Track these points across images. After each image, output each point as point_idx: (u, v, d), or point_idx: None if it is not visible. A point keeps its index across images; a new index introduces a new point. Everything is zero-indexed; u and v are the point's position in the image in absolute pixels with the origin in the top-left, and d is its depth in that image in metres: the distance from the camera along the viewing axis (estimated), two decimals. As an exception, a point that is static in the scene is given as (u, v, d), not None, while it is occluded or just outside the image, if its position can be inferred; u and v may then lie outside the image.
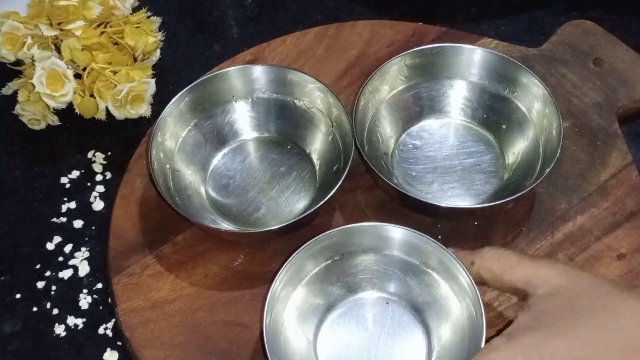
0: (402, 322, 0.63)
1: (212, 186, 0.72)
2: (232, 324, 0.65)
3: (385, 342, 0.62)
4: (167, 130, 0.69)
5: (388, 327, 0.63)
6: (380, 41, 0.81)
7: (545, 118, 0.69)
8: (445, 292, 0.62)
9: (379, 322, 0.63)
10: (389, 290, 0.64)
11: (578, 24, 0.81)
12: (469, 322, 0.59)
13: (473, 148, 0.73)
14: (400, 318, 0.63)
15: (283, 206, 0.70)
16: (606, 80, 0.77)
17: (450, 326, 0.61)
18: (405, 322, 0.63)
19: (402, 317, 0.63)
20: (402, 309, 0.64)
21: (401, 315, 0.63)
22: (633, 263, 0.66)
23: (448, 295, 0.62)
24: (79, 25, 0.74)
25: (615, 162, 0.72)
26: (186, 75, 0.81)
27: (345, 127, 0.68)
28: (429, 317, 0.63)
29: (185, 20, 0.88)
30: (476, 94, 0.74)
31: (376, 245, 0.63)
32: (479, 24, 0.85)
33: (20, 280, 0.70)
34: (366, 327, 0.63)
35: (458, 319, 0.61)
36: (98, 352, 0.66)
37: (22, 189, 0.75)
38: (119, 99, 0.73)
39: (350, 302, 0.64)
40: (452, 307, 0.61)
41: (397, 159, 0.73)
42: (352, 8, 0.88)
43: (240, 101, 0.73)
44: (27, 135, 0.78)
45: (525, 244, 0.68)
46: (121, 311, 0.65)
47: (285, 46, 0.81)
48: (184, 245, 0.69)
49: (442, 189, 0.71)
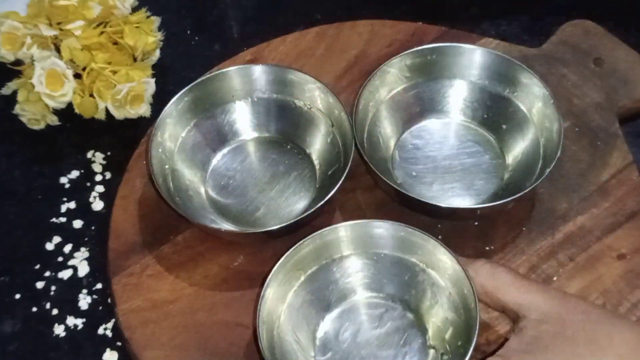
0: (397, 319, 0.63)
1: (212, 186, 0.72)
2: (232, 324, 0.64)
3: (380, 342, 0.62)
4: (166, 130, 0.69)
5: (383, 326, 0.63)
6: (380, 41, 0.81)
7: (546, 118, 0.69)
8: (437, 282, 0.62)
9: (375, 322, 0.63)
10: (382, 289, 0.64)
11: (578, 24, 0.81)
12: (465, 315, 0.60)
13: (473, 148, 0.73)
14: (394, 315, 0.63)
15: (283, 206, 0.70)
16: (606, 80, 0.77)
17: (446, 316, 0.61)
18: (400, 319, 0.63)
19: (397, 314, 0.63)
20: (396, 306, 0.64)
21: (395, 312, 0.63)
22: (633, 263, 0.66)
23: (440, 285, 0.62)
24: (78, 25, 0.74)
25: (615, 162, 0.72)
26: (186, 75, 0.81)
27: (345, 127, 0.68)
28: (423, 311, 0.63)
29: (185, 20, 0.88)
30: (476, 94, 0.74)
31: (364, 245, 0.63)
32: (479, 24, 0.85)
33: (20, 281, 0.70)
34: (362, 329, 0.63)
35: (454, 307, 0.61)
36: (98, 353, 0.66)
37: (21, 189, 0.75)
38: (118, 99, 0.73)
39: (344, 305, 0.64)
40: (445, 295, 0.61)
41: (397, 159, 0.73)
42: (352, 8, 0.88)
43: (240, 101, 0.73)
44: (26, 135, 0.78)
45: (526, 244, 0.68)
46: (121, 311, 0.65)
47: (285, 46, 0.81)
48: (184, 245, 0.69)
49: (442, 189, 0.71)
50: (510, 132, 0.72)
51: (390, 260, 0.63)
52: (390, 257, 0.63)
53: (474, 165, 0.72)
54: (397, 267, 0.63)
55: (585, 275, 0.66)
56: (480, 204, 0.69)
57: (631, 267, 0.66)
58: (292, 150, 0.73)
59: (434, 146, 0.73)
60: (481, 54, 0.72)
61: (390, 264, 0.63)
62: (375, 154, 0.70)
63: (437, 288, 0.62)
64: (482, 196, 0.70)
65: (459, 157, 0.72)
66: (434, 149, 0.73)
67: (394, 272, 0.64)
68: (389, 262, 0.63)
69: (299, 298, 0.63)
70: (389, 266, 0.63)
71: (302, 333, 0.62)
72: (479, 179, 0.71)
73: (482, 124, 0.74)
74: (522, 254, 0.67)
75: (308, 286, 0.63)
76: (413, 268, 0.63)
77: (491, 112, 0.73)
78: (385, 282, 0.64)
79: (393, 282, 0.64)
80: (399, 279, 0.63)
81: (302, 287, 0.63)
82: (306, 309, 0.63)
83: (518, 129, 0.72)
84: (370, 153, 0.69)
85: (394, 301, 0.64)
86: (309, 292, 0.63)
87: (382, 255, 0.63)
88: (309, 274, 0.63)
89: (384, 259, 0.63)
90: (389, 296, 0.64)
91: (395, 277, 0.64)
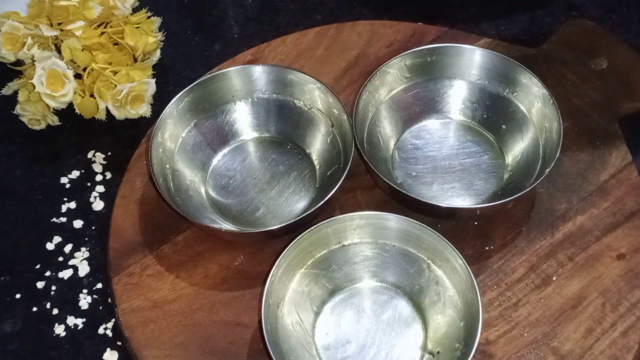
0: (400, 311, 0.64)
1: (212, 186, 0.72)
2: (232, 324, 0.65)
3: (383, 331, 0.63)
4: (167, 130, 0.69)
5: (386, 315, 0.64)
6: (380, 41, 0.81)
7: (545, 118, 0.69)
8: (442, 280, 0.62)
9: (377, 311, 0.64)
10: (387, 279, 0.65)
11: (578, 24, 0.81)
12: (465, 309, 0.60)
13: (473, 148, 0.73)
14: (397, 306, 0.64)
15: (283, 206, 0.70)
16: (606, 80, 0.77)
17: (447, 314, 0.62)
18: (402, 311, 0.64)
19: (400, 306, 0.64)
20: (400, 297, 0.64)
21: (399, 303, 0.64)
22: (633, 263, 0.66)
23: (445, 283, 0.62)
24: (79, 26, 0.74)
25: (615, 162, 0.72)
26: (186, 75, 0.81)
27: (345, 127, 0.68)
28: (426, 305, 0.63)
29: (185, 20, 0.88)
30: (476, 94, 0.74)
31: (375, 235, 0.64)
32: (479, 24, 0.85)
33: (20, 280, 0.70)
34: (364, 316, 0.64)
35: (455, 306, 0.61)
36: (98, 352, 0.66)
37: (22, 189, 0.75)
38: (119, 99, 0.73)
39: (349, 290, 0.65)
40: (449, 294, 0.62)
41: (397, 159, 0.73)
42: (352, 8, 0.88)
43: (241, 101, 0.73)
44: (27, 135, 0.78)
45: (525, 244, 0.68)
46: (121, 311, 0.65)
47: (285, 46, 0.81)
48: (184, 245, 0.69)
49: (442, 189, 0.71)
50: (509, 132, 0.72)
51: (398, 252, 0.64)
52: (399, 249, 0.64)
53: (473, 165, 0.72)
54: (405, 260, 0.64)
55: (584, 275, 0.66)
56: (480, 204, 0.69)
57: (630, 267, 0.66)
58: (292, 150, 0.74)
59: (433, 146, 0.73)
60: (481, 54, 0.72)
61: (399, 255, 0.64)
62: (375, 154, 0.70)
63: (442, 285, 0.62)
64: (481, 196, 0.70)
65: (459, 157, 0.72)
66: (434, 149, 0.73)
67: (401, 264, 0.64)
68: (397, 253, 0.64)
69: (306, 280, 0.63)
70: (397, 257, 0.64)
71: (304, 314, 0.63)
72: (478, 179, 0.71)
73: (482, 124, 0.74)
74: (522, 253, 0.67)
75: (315, 269, 0.64)
76: (420, 263, 0.63)
77: (491, 112, 0.73)
78: (391, 272, 0.65)
79: (399, 273, 0.64)
80: (406, 271, 0.64)
81: (309, 270, 0.63)
82: (311, 292, 0.64)
83: (517, 129, 0.72)
84: (370, 153, 0.69)
85: (398, 292, 0.64)
86: (316, 275, 0.64)
87: (391, 246, 0.64)
88: (317, 257, 0.64)
89: (392, 250, 0.64)
90: (393, 286, 0.65)
91: (401, 269, 0.64)
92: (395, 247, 0.64)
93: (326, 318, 0.64)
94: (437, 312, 0.63)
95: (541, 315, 0.64)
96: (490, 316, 0.64)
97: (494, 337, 0.63)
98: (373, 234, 0.64)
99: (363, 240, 0.64)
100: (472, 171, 0.72)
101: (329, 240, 0.64)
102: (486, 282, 0.66)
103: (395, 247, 0.64)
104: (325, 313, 0.64)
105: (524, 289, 0.66)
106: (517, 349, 0.63)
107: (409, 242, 0.63)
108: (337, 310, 0.64)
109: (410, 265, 0.64)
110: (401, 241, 0.64)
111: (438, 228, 0.68)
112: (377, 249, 0.64)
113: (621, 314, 0.64)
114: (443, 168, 0.72)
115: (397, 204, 0.70)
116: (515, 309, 0.65)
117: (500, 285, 0.66)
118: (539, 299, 0.65)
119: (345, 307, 0.64)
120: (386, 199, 0.70)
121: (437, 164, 0.72)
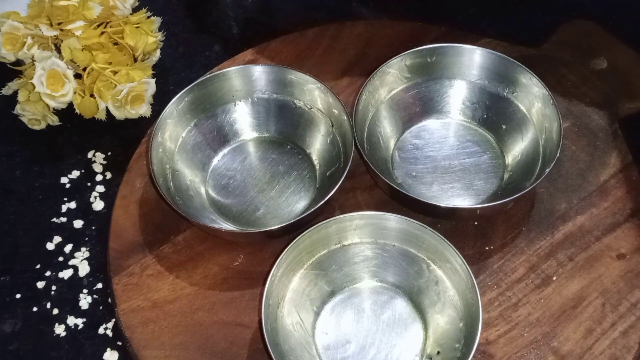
0: (400, 311, 0.64)
1: (212, 186, 0.72)
2: (232, 324, 0.65)
3: (383, 331, 0.63)
4: (167, 130, 0.69)
5: (386, 315, 0.64)
6: (380, 41, 0.81)
7: (545, 118, 0.69)
8: (442, 280, 0.62)
9: (377, 311, 0.64)
10: (387, 279, 0.65)
11: (578, 24, 0.81)
12: (465, 309, 0.60)
13: (473, 148, 0.73)
14: (397, 307, 0.64)
15: (283, 206, 0.70)
16: (606, 80, 0.77)
17: (447, 314, 0.62)
18: (402, 311, 0.64)
19: (400, 306, 0.64)
20: (400, 297, 0.64)
21: (399, 303, 0.64)
22: (633, 263, 0.66)
23: (445, 283, 0.62)
24: (79, 25, 0.74)
25: (615, 162, 0.72)
26: (186, 75, 0.81)
27: (345, 127, 0.68)
28: (426, 306, 0.63)
29: (185, 20, 0.88)
30: (476, 94, 0.74)
31: (375, 235, 0.64)
32: (479, 24, 0.85)
33: (20, 280, 0.70)
34: (364, 316, 0.64)
35: (454, 306, 0.61)
36: (98, 352, 0.66)
37: (22, 189, 0.75)
38: (119, 99, 0.73)
39: (349, 290, 0.65)
40: (449, 294, 0.62)
41: (397, 159, 0.73)
42: (352, 8, 0.88)
43: (241, 101, 0.73)
44: (27, 135, 0.78)
45: (525, 244, 0.68)
46: (121, 311, 0.65)
47: (285, 46, 0.81)
48: (184, 245, 0.69)
49: (442, 189, 0.71)
50: (509, 132, 0.72)
51: (398, 252, 0.64)
52: (399, 249, 0.64)
53: (473, 165, 0.72)
54: (405, 260, 0.64)
55: (584, 275, 0.66)
56: (479, 204, 0.69)
57: (630, 267, 0.66)
58: (292, 150, 0.74)
59: (433, 146, 0.73)
60: (481, 54, 0.72)
61: (399, 255, 0.64)
62: (375, 154, 0.70)
63: (442, 285, 0.62)
64: (481, 196, 0.70)
65: (459, 157, 0.72)
66: (434, 149, 0.73)
67: (401, 264, 0.64)
68: (397, 253, 0.64)
69: (306, 280, 0.63)
70: (397, 257, 0.64)
71: (304, 314, 0.63)
72: (478, 179, 0.71)
73: (482, 124, 0.74)
74: (522, 253, 0.67)
75: (315, 269, 0.64)
76: (420, 263, 0.63)
77: (491, 112, 0.73)
78: (391, 272, 0.65)
79: (399, 273, 0.65)
80: (406, 272, 0.64)
81: (309, 270, 0.64)
82: (311, 292, 0.64)
83: (517, 129, 0.72)
84: (370, 153, 0.69)
85: (398, 292, 0.65)
86: (316, 275, 0.64)
87: (391, 246, 0.64)
88: (317, 258, 0.64)
89: (392, 250, 0.64)
90: (393, 286, 0.65)
91: (401, 269, 0.64)
92: (395, 247, 0.64)
93: (326, 318, 0.64)
94: (437, 312, 0.63)
95: (541, 315, 0.64)
96: (490, 316, 0.64)
97: (494, 337, 0.63)
98: (373, 234, 0.64)
99: (363, 240, 0.64)
100: (472, 171, 0.72)
101: (329, 240, 0.64)
102: (486, 282, 0.66)
103: (395, 247, 0.64)
104: (326, 313, 0.64)
105: (524, 289, 0.66)
106: (517, 349, 0.63)
107: (409, 242, 0.63)
108: (337, 311, 0.64)
109: (410, 266, 0.64)
110: (401, 241, 0.64)
111: (438, 228, 0.69)
112: (377, 249, 0.64)
113: (621, 314, 0.64)
114: (443, 168, 0.72)
115: (397, 204, 0.70)
116: (515, 309, 0.65)
117: (500, 286, 0.66)
118: (539, 299, 0.65)
119: (345, 307, 0.64)
120: (386, 199, 0.70)
121: (437, 164, 0.72)
